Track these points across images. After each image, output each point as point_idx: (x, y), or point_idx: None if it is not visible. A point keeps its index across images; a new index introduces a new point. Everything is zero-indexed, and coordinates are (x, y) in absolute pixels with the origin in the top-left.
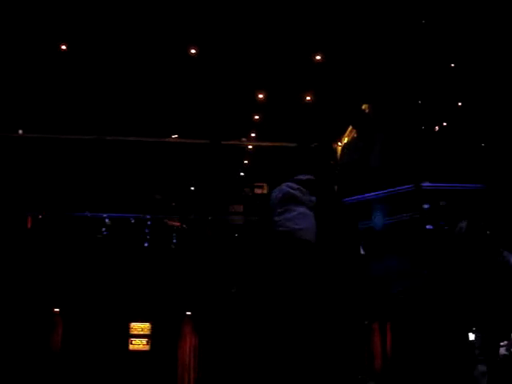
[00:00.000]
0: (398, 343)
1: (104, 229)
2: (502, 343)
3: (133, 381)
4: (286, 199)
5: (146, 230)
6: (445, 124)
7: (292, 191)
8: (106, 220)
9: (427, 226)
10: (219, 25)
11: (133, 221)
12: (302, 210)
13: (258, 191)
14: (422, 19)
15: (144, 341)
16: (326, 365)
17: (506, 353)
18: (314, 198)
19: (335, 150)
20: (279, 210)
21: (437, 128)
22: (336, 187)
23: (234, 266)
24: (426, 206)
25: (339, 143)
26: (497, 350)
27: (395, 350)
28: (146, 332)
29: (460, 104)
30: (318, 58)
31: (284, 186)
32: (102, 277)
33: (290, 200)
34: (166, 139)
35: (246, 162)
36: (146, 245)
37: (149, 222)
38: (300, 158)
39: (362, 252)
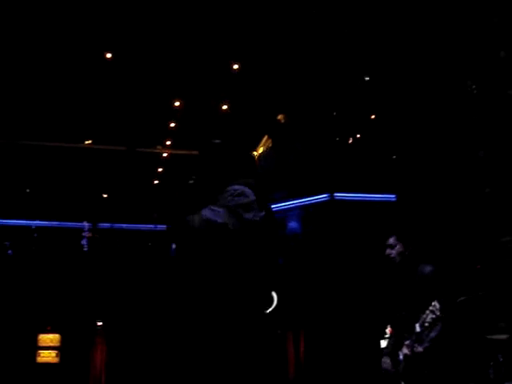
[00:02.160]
0: (311, 351)
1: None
2: (405, 342)
3: None
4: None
5: (56, 238)
6: (358, 136)
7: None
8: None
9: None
10: (135, 29)
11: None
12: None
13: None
14: (342, 30)
15: (53, 353)
16: (239, 373)
17: (407, 352)
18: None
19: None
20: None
21: (351, 140)
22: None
23: (146, 276)
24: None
25: (254, 152)
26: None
27: (308, 358)
28: (56, 344)
29: (373, 117)
30: (235, 66)
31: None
32: (8, 286)
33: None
34: (80, 145)
35: (160, 169)
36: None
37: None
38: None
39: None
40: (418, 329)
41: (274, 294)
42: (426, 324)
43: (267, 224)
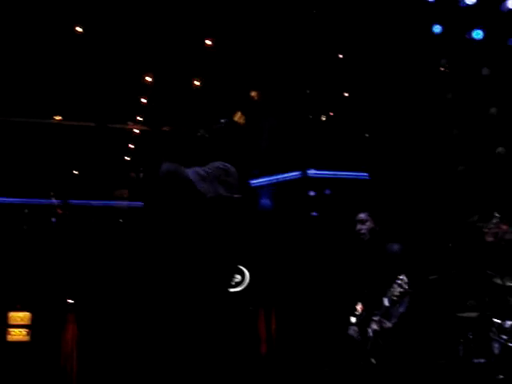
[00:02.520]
0: (283, 328)
1: None
2: (374, 317)
3: (12, 372)
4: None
5: (26, 214)
6: (331, 114)
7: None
8: None
9: (312, 213)
10: (107, 3)
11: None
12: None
13: (125, 193)
14: (313, 9)
15: (24, 331)
16: (211, 350)
17: (376, 327)
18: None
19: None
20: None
21: (323, 117)
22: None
23: (119, 253)
24: (311, 193)
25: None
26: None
27: (279, 335)
28: (26, 322)
29: (346, 95)
30: (208, 42)
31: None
32: None
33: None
34: (49, 121)
35: (131, 146)
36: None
37: (26, 210)
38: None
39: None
40: (386, 303)
41: (246, 272)
42: (394, 298)
43: (241, 205)
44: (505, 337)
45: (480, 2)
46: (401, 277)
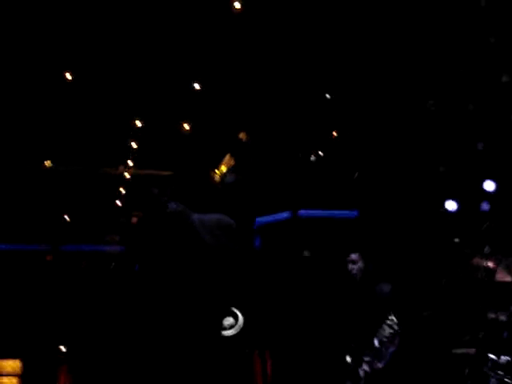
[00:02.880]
0: (279, 370)
1: None
2: (364, 358)
3: None
4: None
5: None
6: (321, 153)
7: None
8: None
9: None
10: (95, 50)
11: None
12: None
13: (134, 220)
14: (300, 49)
15: (14, 380)
16: None
17: (367, 368)
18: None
19: (212, 177)
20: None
21: (313, 157)
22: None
23: (111, 298)
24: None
25: (216, 171)
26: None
27: (275, 377)
28: (17, 371)
29: (335, 134)
30: (196, 86)
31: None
32: None
33: None
34: (40, 166)
35: (122, 190)
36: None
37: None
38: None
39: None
40: (376, 344)
41: (239, 314)
42: (385, 339)
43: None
44: (501, 372)
45: None
46: (390, 317)
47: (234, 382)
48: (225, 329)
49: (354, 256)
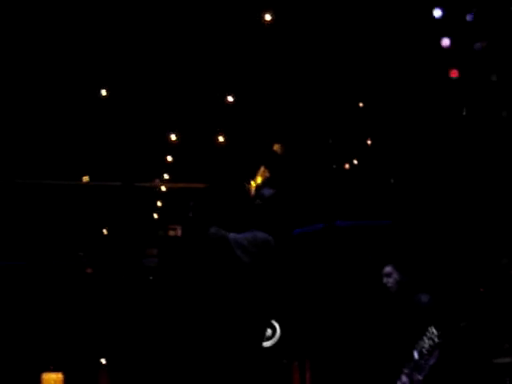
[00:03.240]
0: (318, 381)
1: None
2: (404, 370)
3: None
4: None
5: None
6: (355, 162)
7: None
8: None
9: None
10: (130, 65)
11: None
12: None
13: (171, 233)
14: (333, 57)
15: None
16: None
17: (406, 380)
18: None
19: (248, 190)
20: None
21: (347, 166)
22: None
23: (150, 310)
24: (338, 244)
25: (252, 183)
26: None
27: None
28: (59, 383)
29: (369, 142)
30: (230, 99)
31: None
32: (10, 324)
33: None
34: (77, 182)
35: (159, 203)
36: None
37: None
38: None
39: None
40: (416, 356)
41: (277, 325)
42: (424, 351)
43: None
44: None
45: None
46: (430, 329)
47: None
48: (263, 340)
49: (388, 269)
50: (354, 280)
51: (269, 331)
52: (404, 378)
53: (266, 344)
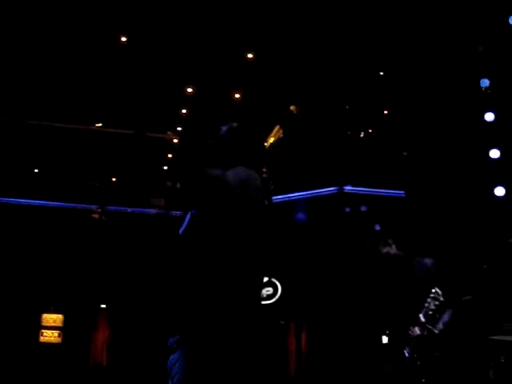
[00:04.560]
0: (313, 344)
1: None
2: (414, 328)
3: (43, 373)
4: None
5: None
6: (370, 131)
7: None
8: None
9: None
10: (151, 15)
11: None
12: None
13: (179, 185)
14: (356, 25)
15: (56, 333)
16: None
17: (420, 332)
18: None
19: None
20: None
21: (362, 134)
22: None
23: (152, 260)
24: (347, 210)
25: (265, 143)
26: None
27: (310, 350)
28: (59, 324)
29: (386, 112)
30: (249, 56)
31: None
32: (14, 267)
33: None
34: (89, 127)
35: (170, 155)
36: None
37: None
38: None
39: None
40: (422, 319)
41: (278, 284)
42: (431, 312)
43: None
44: None
45: None
46: (434, 290)
47: (268, 352)
48: (263, 298)
49: (390, 241)
50: (358, 245)
51: (270, 289)
52: (417, 330)
53: (266, 302)
